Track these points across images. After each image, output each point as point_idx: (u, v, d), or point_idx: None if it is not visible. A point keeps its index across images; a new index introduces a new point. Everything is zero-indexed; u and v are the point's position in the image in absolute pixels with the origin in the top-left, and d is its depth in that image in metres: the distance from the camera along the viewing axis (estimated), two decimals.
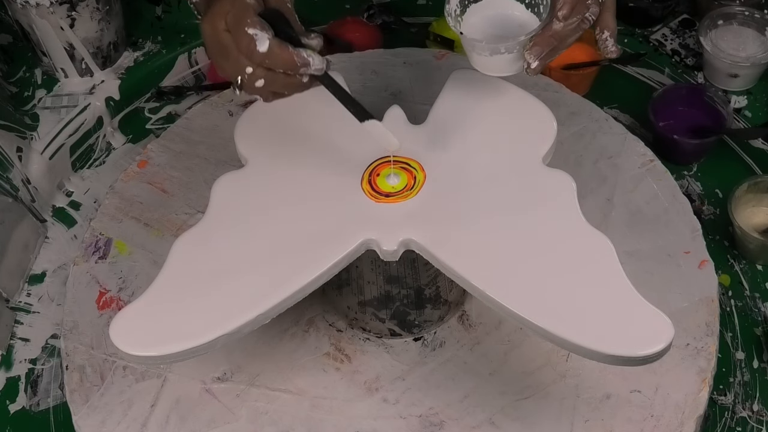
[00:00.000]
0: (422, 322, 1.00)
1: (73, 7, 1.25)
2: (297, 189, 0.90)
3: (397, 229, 0.86)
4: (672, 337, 0.78)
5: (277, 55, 0.78)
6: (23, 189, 1.21)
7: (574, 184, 0.88)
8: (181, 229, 1.08)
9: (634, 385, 0.94)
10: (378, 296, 0.98)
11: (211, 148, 1.15)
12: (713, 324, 0.98)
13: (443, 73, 1.20)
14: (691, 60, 1.32)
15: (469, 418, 0.94)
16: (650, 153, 1.12)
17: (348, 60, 1.23)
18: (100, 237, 1.08)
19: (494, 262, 0.83)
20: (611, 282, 0.82)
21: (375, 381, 0.97)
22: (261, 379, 0.97)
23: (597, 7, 0.86)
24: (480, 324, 1.01)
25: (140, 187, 1.12)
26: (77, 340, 1.00)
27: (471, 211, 0.87)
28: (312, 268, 0.84)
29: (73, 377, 0.98)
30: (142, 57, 1.38)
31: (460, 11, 0.89)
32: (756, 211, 1.15)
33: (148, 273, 1.05)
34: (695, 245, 1.04)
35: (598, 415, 0.93)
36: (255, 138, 0.94)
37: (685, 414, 0.92)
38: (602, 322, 0.80)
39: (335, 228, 0.86)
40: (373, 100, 1.14)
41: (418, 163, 0.90)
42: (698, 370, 0.95)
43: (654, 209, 1.07)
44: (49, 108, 1.31)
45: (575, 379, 0.95)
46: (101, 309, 1.03)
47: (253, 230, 0.87)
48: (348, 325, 1.01)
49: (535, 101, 0.95)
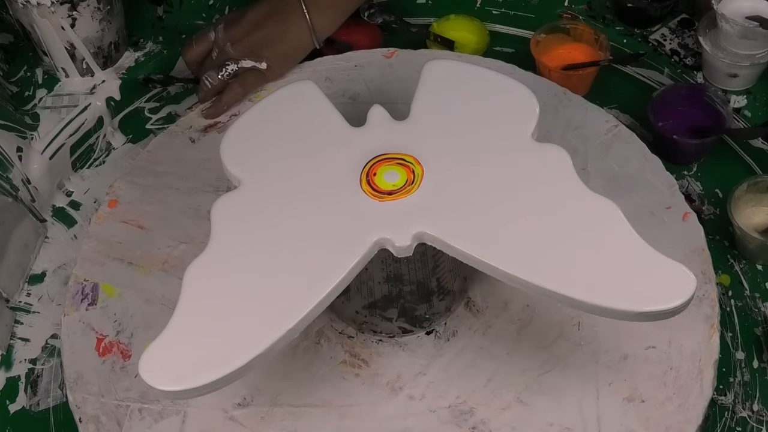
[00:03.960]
0: (431, 315, 1.00)
1: (74, 6, 1.23)
2: (298, 200, 0.89)
3: (408, 224, 0.86)
4: (695, 287, 0.81)
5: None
6: (23, 189, 1.18)
7: (567, 154, 0.90)
8: (167, 262, 1.06)
9: (647, 342, 0.96)
10: (382, 297, 0.98)
11: (180, 178, 1.13)
12: (708, 271, 1.01)
13: (395, 70, 1.23)
14: (691, 60, 1.32)
15: (497, 401, 0.94)
16: (613, 119, 1.15)
17: (299, 71, 1.22)
18: (85, 283, 1.05)
19: (511, 241, 0.84)
20: (625, 242, 0.84)
21: (397, 380, 0.97)
22: (283, 398, 0.96)
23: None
24: (487, 308, 1.02)
25: (116, 227, 1.09)
26: (85, 390, 0.97)
27: (476, 195, 0.88)
28: (331, 275, 0.83)
29: (88, 429, 0.94)
30: (143, 57, 1.35)
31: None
32: (756, 211, 1.15)
33: (142, 312, 1.02)
34: (675, 200, 1.07)
35: (620, 376, 0.95)
36: (244, 157, 0.92)
37: (702, 361, 0.95)
38: (626, 282, 0.81)
39: (346, 232, 0.86)
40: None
41: (413, 158, 0.90)
42: (705, 317, 0.98)
43: (628, 171, 1.10)
44: (49, 108, 1.28)
45: (591, 345, 0.97)
46: (102, 355, 1.00)
47: (264, 247, 0.86)
48: (358, 329, 1.01)
49: (511, 80, 0.97)
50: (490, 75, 0.98)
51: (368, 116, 0.95)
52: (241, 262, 0.85)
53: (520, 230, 0.85)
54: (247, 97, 1.19)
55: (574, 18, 1.38)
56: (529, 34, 1.32)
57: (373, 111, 0.95)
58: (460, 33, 1.34)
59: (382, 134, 0.93)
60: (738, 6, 1.23)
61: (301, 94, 0.97)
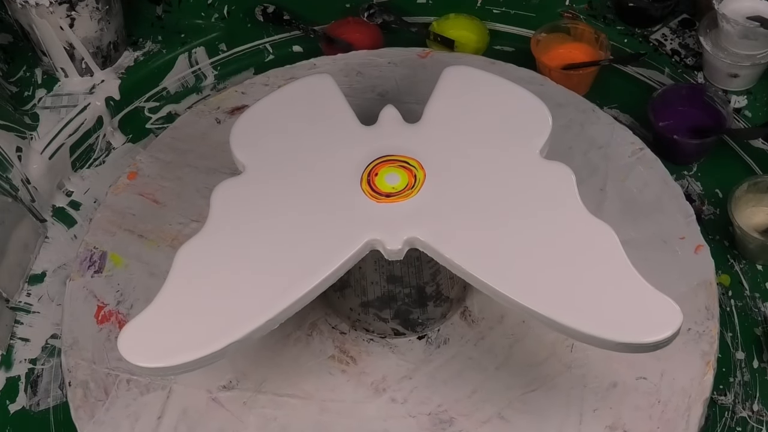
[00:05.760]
0: (425, 320, 1.00)
1: (73, 6, 1.25)
2: (296, 193, 0.89)
3: (401, 228, 0.86)
4: (681, 322, 0.79)
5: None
6: (23, 189, 1.21)
7: (572, 174, 0.89)
8: (176, 239, 1.07)
9: (639, 372, 0.95)
10: (380, 296, 0.98)
11: (200, 157, 1.15)
12: (713, 307, 0.99)
13: (428, 71, 1.22)
14: (691, 60, 1.32)
15: (478, 413, 0.94)
16: (639, 141, 1.13)
17: (332, 63, 1.23)
18: (94, 251, 1.07)
19: (499, 256, 0.84)
20: (617, 270, 0.83)
21: (382, 381, 0.97)
22: (267, 386, 0.96)
23: None
24: (483, 319, 1.01)
25: (132, 199, 1.11)
26: (78, 356, 0.99)
27: (474, 206, 0.87)
28: (318, 271, 0.84)
29: (76, 393, 0.97)
30: (142, 57, 1.37)
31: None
32: (756, 211, 1.15)
33: (145, 285, 1.04)
34: (690, 230, 1.05)
35: (606, 403, 0.94)
36: (251, 144, 0.93)
37: (691, 398, 0.93)
38: (611, 311, 0.80)
39: (338, 230, 0.86)
40: (360, 102, 1.15)
41: (417, 162, 0.90)
42: (701, 353, 0.96)
43: (646, 197, 1.08)
44: (49, 108, 1.30)
45: (581, 369, 0.96)
46: (100, 323, 1.02)
47: (256, 236, 0.87)
48: (351, 326, 1.01)
49: (528, 95, 0.96)
50: (508, 86, 0.97)
51: (380, 116, 0.95)
52: (231, 248, 0.86)
53: (512, 246, 0.84)
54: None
55: (574, 17, 1.38)
56: (530, 33, 1.32)
57: (385, 111, 0.95)
58: (460, 32, 1.34)
59: (390, 135, 0.93)
60: (739, 6, 1.23)
61: (317, 87, 0.98)
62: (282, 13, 1.41)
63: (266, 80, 1.21)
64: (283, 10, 1.42)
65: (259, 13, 1.42)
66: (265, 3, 1.42)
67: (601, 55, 1.28)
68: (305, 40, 1.41)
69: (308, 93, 0.97)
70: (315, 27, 1.39)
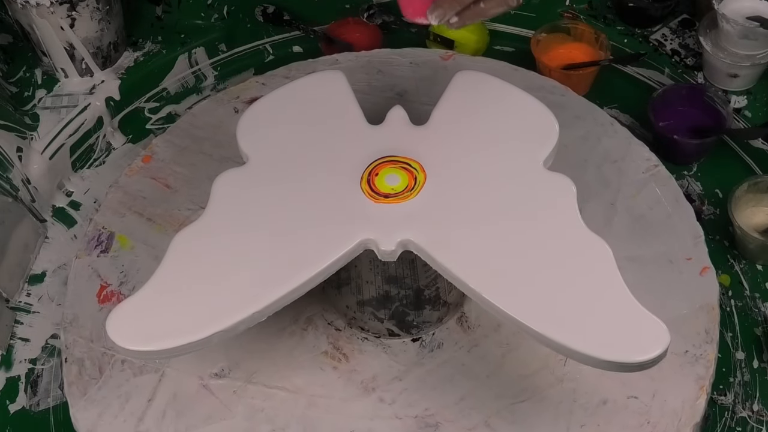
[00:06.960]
0: (421, 323, 1.00)
1: (73, 7, 1.25)
2: (296, 187, 0.90)
3: (396, 229, 0.86)
4: (668, 344, 0.78)
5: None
6: (23, 189, 1.21)
7: (573, 188, 0.88)
8: (184, 224, 1.07)
9: (631, 391, 0.94)
10: (377, 296, 0.98)
11: (215, 145, 1.15)
12: (713, 331, 0.98)
13: (449, 74, 1.20)
14: (691, 60, 1.31)
15: (464, 420, 0.93)
16: (654, 158, 1.11)
17: (354, 59, 1.23)
18: (102, 231, 1.08)
19: (492, 265, 0.83)
20: (608, 287, 0.82)
21: (372, 381, 0.97)
22: (258, 377, 0.97)
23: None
24: (479, 326, 1.01)
25: (144, 182, 1.12)
26: (77, 333, 1.00)
27: (470, 213, 0.87)
28: (309, 267, 0.84)
29: (71, 370, 0.98)
30: (142, 57, 1.38)
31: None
32: (756, 211, 1.14)
33: (149, 268, 1.04)
34: (697, 252, 1.03)
35: (595, 420, 0.93)
36: (256, 136, 0.94)
37: (681, 421, 0.92)
38: (598, 328, 0.80)
39: (333, 227, 0.86)
40: (378, 100, 1.15)
41: (419, 164, 0.90)
42: (696, 377, 0.95)
43: (657, 215, 1.07)
44: (49, 108, 1.30)
45: (572, 383, 0.95)
46: (102, 303, 1.03)
47: (252, 227, 0.87)
48: (347, 324, 1.01)
49: (538, 104, 0.95)
50: (519, 94, 0.96)
51: (387, 116, 0.95)
52: (226, 238, 0.87)
53: (506, 256, 0.84)
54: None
55: (574, 17, 1.37)
56: (530, 33, 1.32)
57: (393, 111, 0.95)
58: (459, 32, 1.33)
59: (394, 136, 0.93)
60: (739, 6, 1.22)
61: (328, 83, 0.98)
62: (282, 13, 1.41)
63: (287, 72, 1.22)
64: (283, 10, 1.42)
65: (258, 13, 1.43)
66: (265, 3, 1.43)
67: (601, 55, 1.28)
68: (305, 40, 1.41)
69: (319, 88, 0.98)
70: (315, 27, 1.39)
